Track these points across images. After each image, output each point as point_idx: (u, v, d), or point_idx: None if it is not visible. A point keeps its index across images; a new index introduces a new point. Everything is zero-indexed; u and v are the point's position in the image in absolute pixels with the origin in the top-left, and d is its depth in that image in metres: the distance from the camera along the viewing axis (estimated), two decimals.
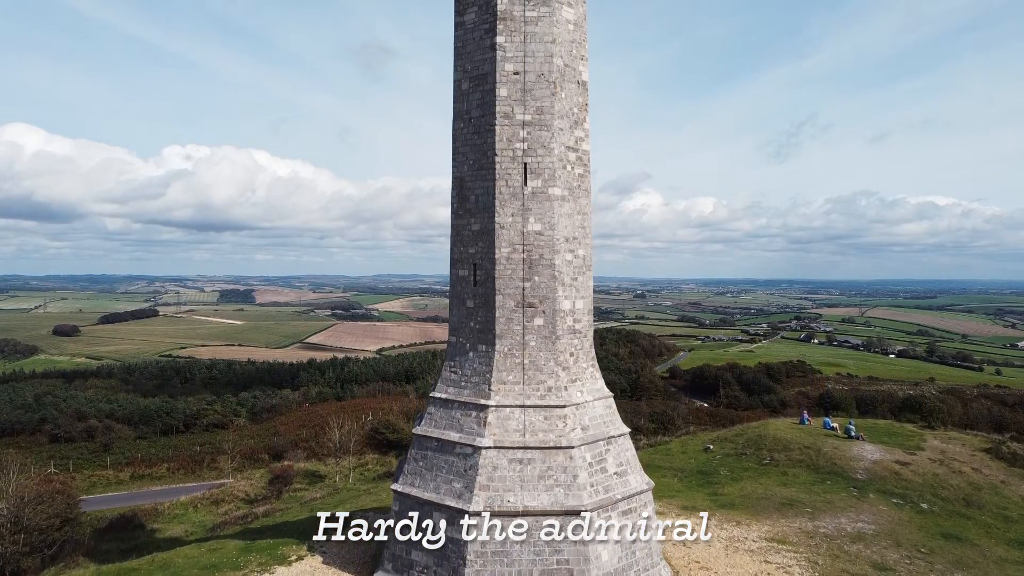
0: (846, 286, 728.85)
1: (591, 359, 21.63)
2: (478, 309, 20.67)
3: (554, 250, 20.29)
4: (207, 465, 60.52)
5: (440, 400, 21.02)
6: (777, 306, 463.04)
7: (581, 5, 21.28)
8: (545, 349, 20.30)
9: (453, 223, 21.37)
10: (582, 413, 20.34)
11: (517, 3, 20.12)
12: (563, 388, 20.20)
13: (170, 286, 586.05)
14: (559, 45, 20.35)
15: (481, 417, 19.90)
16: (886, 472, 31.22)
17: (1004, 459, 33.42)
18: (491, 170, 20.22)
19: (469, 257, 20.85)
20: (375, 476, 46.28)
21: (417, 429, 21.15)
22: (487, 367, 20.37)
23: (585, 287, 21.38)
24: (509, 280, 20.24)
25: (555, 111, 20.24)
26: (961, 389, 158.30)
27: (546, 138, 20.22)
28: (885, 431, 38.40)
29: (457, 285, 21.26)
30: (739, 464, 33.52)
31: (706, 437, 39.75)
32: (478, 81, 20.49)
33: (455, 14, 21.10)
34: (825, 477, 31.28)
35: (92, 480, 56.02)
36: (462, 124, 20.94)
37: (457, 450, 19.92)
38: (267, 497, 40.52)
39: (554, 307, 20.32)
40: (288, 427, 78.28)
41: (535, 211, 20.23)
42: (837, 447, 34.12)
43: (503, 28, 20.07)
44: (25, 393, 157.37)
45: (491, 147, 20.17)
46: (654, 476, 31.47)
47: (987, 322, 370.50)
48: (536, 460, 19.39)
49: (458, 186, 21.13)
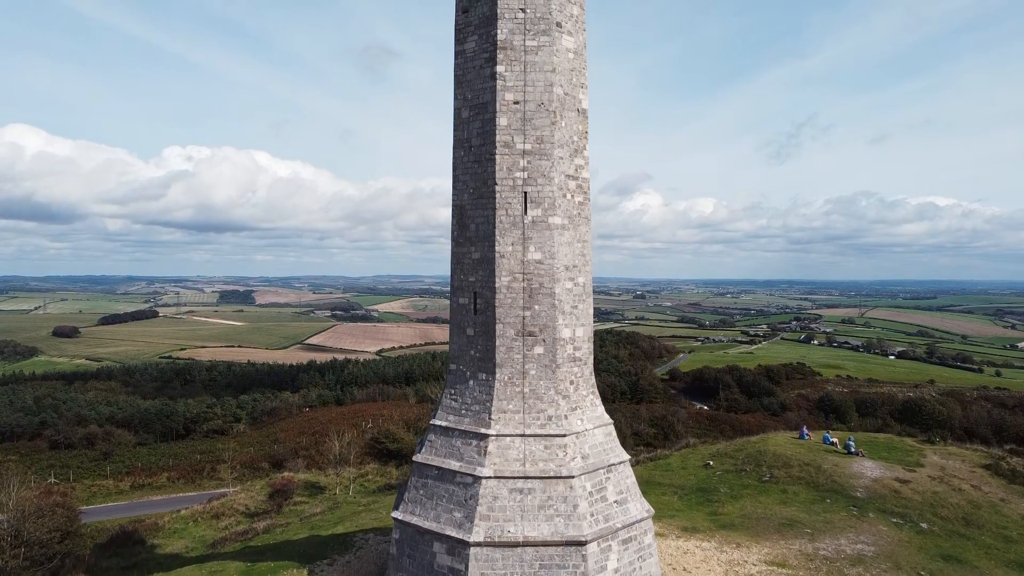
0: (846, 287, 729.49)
1: (591, 386, 21.66)
2: (478, 337, 20.69)
3: (554, 279, 20.31)
4: (207, 474, 60.60)
5: (441, 428, 21.05)
6: (777, 307, 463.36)
7: (581, 33, 21.31)
8: (545, 378, 20.33)
9: (453, 251, 21.39)
10: (582, 442, 20.37)
11: (517, 33, 20.14)
12: (563, 417, 20.23)
13: (170, 287, 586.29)
14: (559, 74, 20.38)
15: (482, 446, 19.93)
16: (886, 490, 31.24)
17: (1003, 476, 33.46)
18: (491, 199, 20.25)
19: (469, 285, 20.87)
20: (375, 488, 46.33)
21: (417, 457, 21.17)
22: (487, 396, 20.40)
23: (585, 314, 21.41)
24: (509, 309, 20.26)
25: (555, 140, 20.27)
26: (961, 391, 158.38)
27: (546, 167, 20.24)
28: (885, 445, 38.43)
29: (458, 313, 21.28)
30: (739, 481, 33.54)
31: (706, 451, 39.77)
32: (478, 110, 20.51)
33: (455, 42, 21.12)
34: (825, 495, 31.30)
35: (92, 490, 56.10)
36: (462, 152, 20.96)
37: (458, 479, 19.95)
38: (267, 511, 40.53)
39: (554, 336, 20.35)
40: (288, 434, 78.35)
41: (535, 240, 20.25)
42: (837, 464, 34.15)
43: (503, 57, 20.10)
44: (25, 395, 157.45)
45: (491, 176, 20.20)
46: (654, 494, 31.60)
47: (987, 323, 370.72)
48: (536, 490, 19.42)
49: (458, 214, 21.15)
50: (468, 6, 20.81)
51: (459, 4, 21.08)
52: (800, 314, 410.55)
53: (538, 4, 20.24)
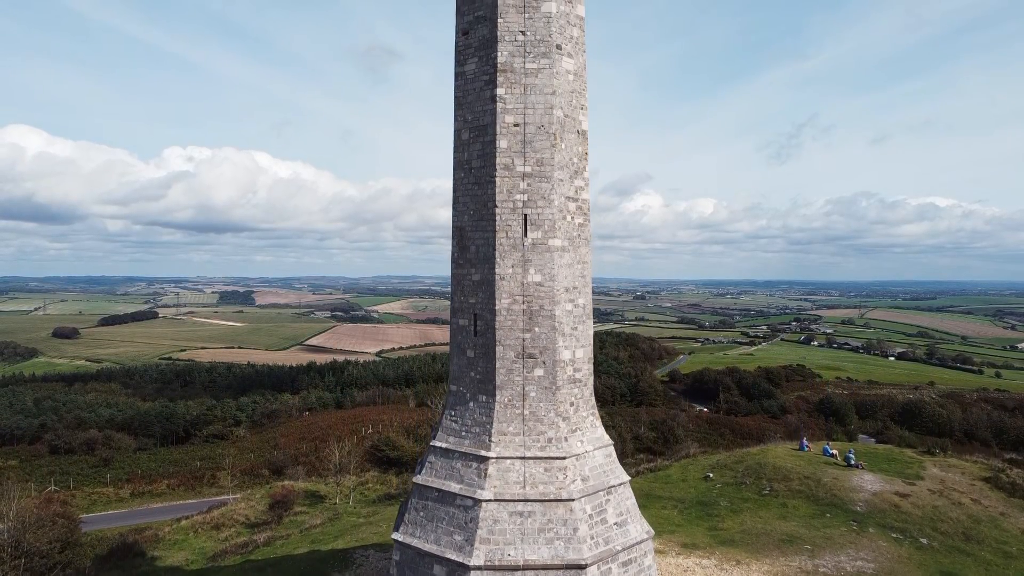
0: (846, 287, 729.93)
1: (591, 407, 21.67)
2: (478, 359, 20.70)
3: (554, 301, 20.32)
4: (207, 481, 60.62)
5: (441, 449, 21.06)
6: (777, 307, 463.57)
7: (581, 55, 21.32)
8: (545, 400, 20.34)
9: (453, 272, 21.41)
10: (582, 464, 20.38)
11: (517, 55, 20.15)
12: (563, 439, 20.25)
13: (170, 287, 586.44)
14: (559, 96, 20.39)
15: (482, 469, 19.94)
16: (886, 504, 31.26)
17: (1003, 489, 33.48)
18: (491, 221, 20.26)
19: (470, 307, 20.88)
20: (375, 498, 46.35)
21: (417, 478, 21.19)
22: (487, 418, 20.42)
23: (585, 336, 21.42)
24: (509, 331, 20.27)
25: (555, 162, 20.27)
26: (961, 393, 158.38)
27: (546, 190, 20.26)
28: (884, 457, 38.45)
29: (458, 334, 21.29)
30: (739, 494, 33.57)
31: (706, 462, 39.79)
32: (478, 132, 20.52)
33: (455, 64, 21.12)
34: (825, 509, 31.32)
35: (92, 498, 56.12)
36: (462, 174, 20.97)
37: (458, 502, 19.97)
38: (268, 522, 40.55)
39: (554, 358, 20.36)
40: (288, 439, 78.40)
41: (535, 262, 20.26)
42: (837, 477, 34.17)
43: (503, 80, 20.10)
44: (25, 397, 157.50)
45: (491, 199, 20.21)
46: (654, 507, 31.61)
47: (987, 323, 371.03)
48: (536, 513, 19.44)
49: (458, 235, 21.17)
50: (468, 28, 20.82)
51: (459, 26, 21.08)
52: (800, 315, 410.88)
53: (538, 27, 20.26)
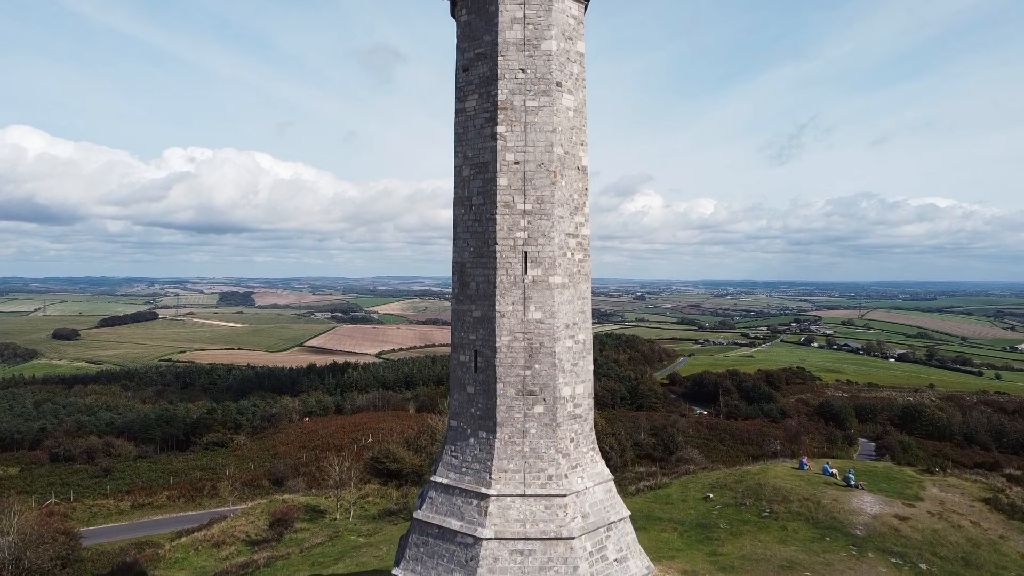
0: (846, 288, 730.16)
1: (591, 442, 21.71)
2: (479, 395, 20.74)
3: (554, 338, 20.36)
4: (207, 493, 60.62)
5: (441, 485, 21.10)
6: (777, 308, 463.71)
7: (581, 91, 21.35)
8: (546, 437, 20.38)
9: (454, 308, 21.45)
10: (582, 501, 20.42)
11: (518, 93, 20.18)
12: (563, 476, 20.28)
13: (170, 288, 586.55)
14: (559, 134, 20.41)
15: (482, 506, 19.98)
16: (885, 528, 31.32)
17: (1003, 510, 33.55)
18: (492, 258, 20.29)
19: (470, 343, 20.92)
20: (376, 513, 46.41)
21: (418, 514, 21.22)
22: (488, 454, 20.46)
23: (585, 371, 21.46)
24: (510, 368, 20.31)
25: (555, 200, 20.31)
26: (960, 396, 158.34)
27: (546, 227, 20.29)
28: (884, 476, 38.52)
29: (458, 370, 21.33)
30: (739, 516, 33.62)
31: (707, 479, 39.85)
32: (479, 169, 20.55)
33: (456, 100, 21.15)
34: (825, 532, 31.37)
35: (93, 510, 56.12)
36: (463, 210, 21.00)
37: (458, 539, 20.01)
38: (268, 540, 40.62)
39: (554, 395, 20.40)
40: (288, 448, 78.42)
41: (536, 299, 20.30)
42: (836, 499, 34.22)
43: (504, 118, 20.13)
44: (25, 400, 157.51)
45: (492, 236, 20.24)
46: (654, 530, 31.64)
47: (987, 324, 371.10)
48: (537, 551, 19.48)
49: (459, 271, 21.20)
50: (469, 65, 20.85)
51: (459, 62, 21.11)
52: (800, 315, 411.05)
53: (538, 65, 20.29)
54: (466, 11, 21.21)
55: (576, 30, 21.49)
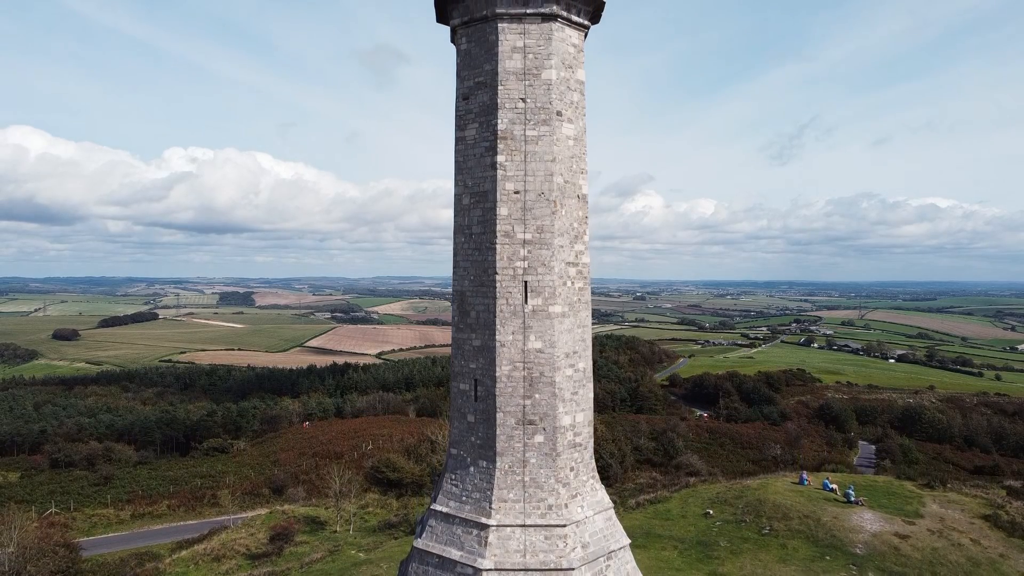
0: (846, 288, 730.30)
1: (591, 470, 21.68)
2: (479, 424, 20.72)
3: (554, 367, 20.33)
4: (207, 501, 60.62)
5: (441, 514, 21.08)
6: (777, 308, 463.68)
7: (581, 119, 21.30)
8: (545, 466, 20.36)
9: (454, 336, 21.42)
10: (582, 530, 20.40)
11: (517, 122, 20.13)
12: (563, 506, 20.27)
13: (170, 288, 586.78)
14: (559, 163, 20.37)
15: (482, 536, 19.97)
16: (885, 547, 31.30)
17: (1003, 528, 33.53)
18: (492, 288, 20.26)
19: (470, 372, 20.89)
20: (376, 525, 46.41)
21: (418, 542, 21.21)
22: (488, 484, 20.44)
23: (585, 399, 21.43)
24: (510, 398, 20.29)
25: (555, 229, 20.27)
26: (960, 397, 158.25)
27: (546, 256, 20.26)
28: (884, 491, 38.49)
29: (458, 398, 21.31)
30: (739, 533, 33.61)
31: (707, 494, 39.84)
32: (479, 198, 20.51)
33: (455, 128, 21.10)
34: (824, 551, 31.37)
35: (93, 520, 56.11)
36: (463, 239, 20.96)
37: (458, 569, 19.98)
38: (268, 554, 40.60)
39: (554, 424, 20.37)
40: (288, 454, 78.39)
41: (536, 329, 20.26)
42: (836, 516, 34.21)
43: (504, 147, 20.09)
44: (25, 402, 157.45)
45: (492, 265, 20.21)
46: (654, 548, 31.63)
47: (987, 324, 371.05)
48: None
49: (459, 299, 21.18)
50: (469, 93, 20.80)
51: (459, 91, 21.06)
52: (800, 316, 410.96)
53: (538, 94, 20.24)
54: (466, 39, 21.16)
55: (576, 58, 21.44)
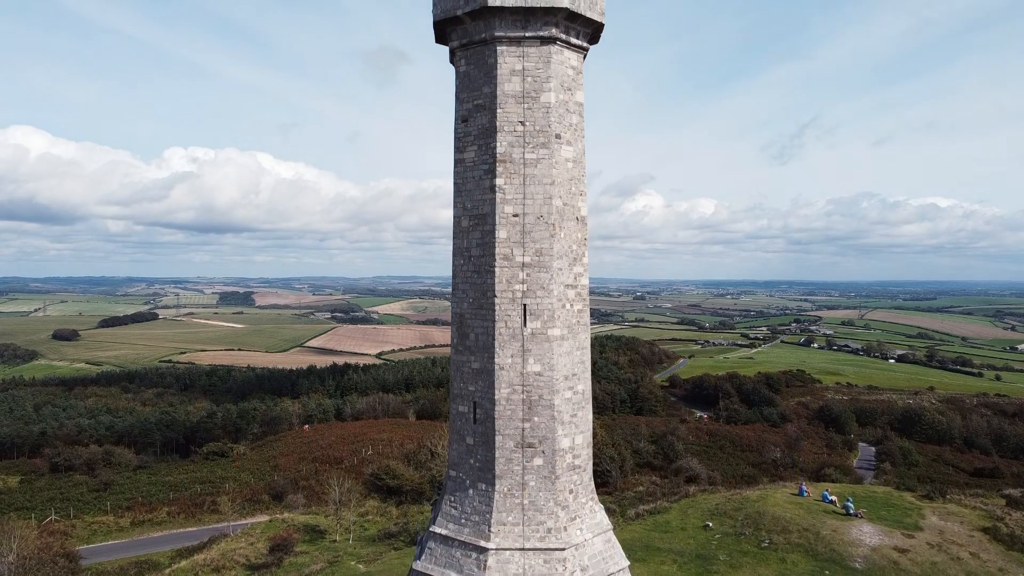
0: (846, 287, 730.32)
1: (590, 492, 21.68)
2: (478, 447, 20.71)
3: (553, 390, 20.32)
4: (207, 508, 60.62)
5: (440, 536, 21.07)
6: (777, 308, 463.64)
7: (580, 142, 21.28)
8: (545, 489, 20.35)
9: (453, 358, 21.41)
10: (581, 553, 20.40)
11: (516, 145, 20.10)
12: (562, 529, 20.26)
13: (170, 288, 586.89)
14: (558, 186, 20.35)
15: (481, 560, 19.97)
16: (884, 561, 31.30)
17: (1002, 541, 33.52)
18: (491, 310, 20.25)
19: (469, 395, 20.88)
20: (376, 535, 46.42)
21: (417, 565, 21.21)
22: (487, 507, 20.43)
23: (584, 421, 21.42)
24: (509, 420, 20.28)
25: (554, 252, 20.25)
26: (960, 398, 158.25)
27: (545, 279, 20.24)
28: (883, 502, 38.49)
29: (457, 420, 21.30)
30: (738, 546, 33.61)
31: (706, 505, 39.84)
32: (478, 220, 20.49)
33: (455, 150, 21.08)
34: (824, 565, 31.36)
35: (93, 527, 56.12)
36: (462, 261, 20.95)
37: None
38: (268, 565, 40.62)
39: (553, 447, 20.37)
40: (288, 459, 78.44)
41: (534, 352, 20.25)
42: (836, 529, 34.21)
43: (503, 170, 20.06)
44: (25, 403, 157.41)
45: (491, 288, 20.19)
46: (653, 562, 31.61)
47: (987, 324, 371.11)
48: None
49: (458, 322, 21.16)
50: (467, 116, 20.77)
51: (458, 113, 21.03)
52: (800, 315, 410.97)
53: (537, 117, 20.21)
54: (465, 61, 21.14)
55: (575, 80, 21.41)
